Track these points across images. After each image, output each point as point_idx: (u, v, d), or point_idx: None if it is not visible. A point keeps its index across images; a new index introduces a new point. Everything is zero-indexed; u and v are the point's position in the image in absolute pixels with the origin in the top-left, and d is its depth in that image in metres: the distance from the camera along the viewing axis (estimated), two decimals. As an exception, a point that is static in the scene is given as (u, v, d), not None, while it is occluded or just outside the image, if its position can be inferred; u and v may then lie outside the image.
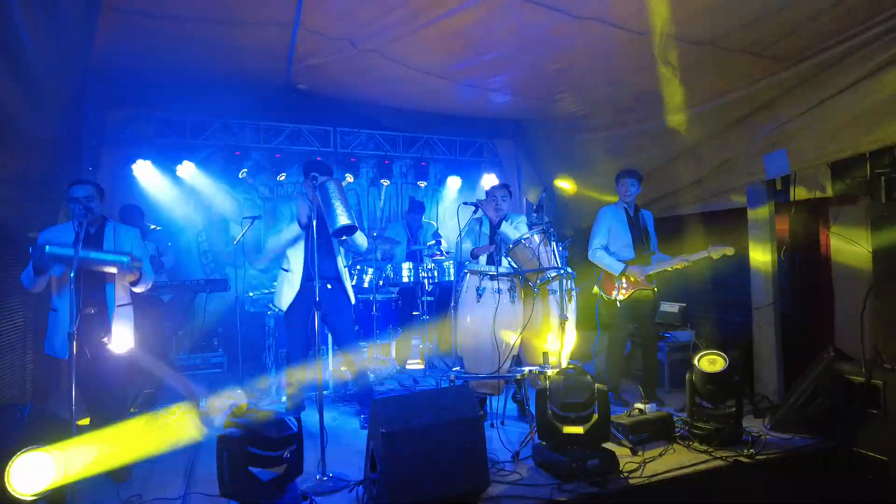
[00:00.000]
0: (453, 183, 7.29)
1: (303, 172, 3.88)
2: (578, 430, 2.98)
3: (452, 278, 5.38)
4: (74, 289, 2.66)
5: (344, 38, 4.78)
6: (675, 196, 5.51)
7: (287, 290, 3.82)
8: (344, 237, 3.59)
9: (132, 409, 4.23)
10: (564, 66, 4.75)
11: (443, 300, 6.04)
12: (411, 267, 5.39)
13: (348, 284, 4.00)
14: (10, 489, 2.30)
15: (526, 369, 3.50)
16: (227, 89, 6.25)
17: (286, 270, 3.85)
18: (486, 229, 4.12)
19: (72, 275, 2.66)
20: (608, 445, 3.18)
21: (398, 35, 4.54)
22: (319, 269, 3.60)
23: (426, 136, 7.05)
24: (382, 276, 5.39)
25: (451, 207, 7.46)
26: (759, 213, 4.69)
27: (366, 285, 5.33)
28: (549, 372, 3.21)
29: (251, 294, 5.39)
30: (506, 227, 3.93)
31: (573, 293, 3.49)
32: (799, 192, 4.52)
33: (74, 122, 5.37)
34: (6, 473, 2.31)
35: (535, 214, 3.63)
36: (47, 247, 2.80)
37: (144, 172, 5.81)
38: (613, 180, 4.73)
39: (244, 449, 2.49)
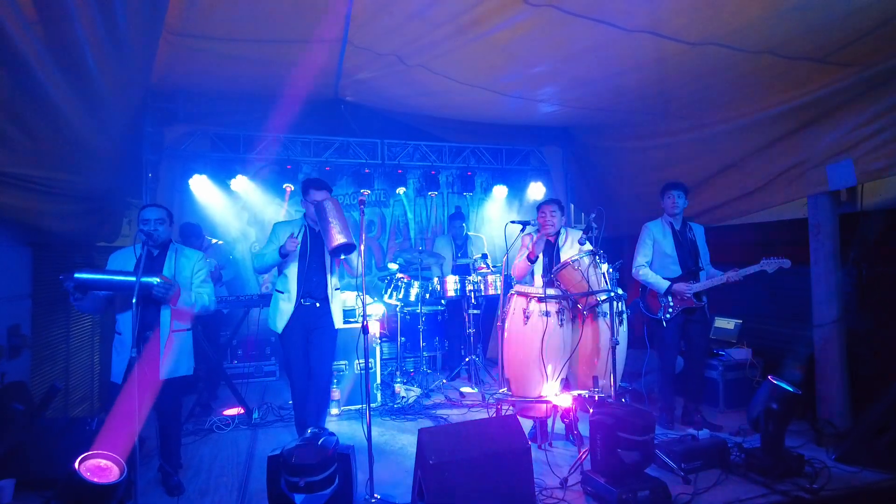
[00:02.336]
0: (499, 192, 7.23)
1: (301, 191, 3.84)
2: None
3: (499, 292, 5.34)
4: (134, 313, 2.77)
5: (392, 54, 4.83)
6: (727, 207, 5.31)
7: (282, 312, 3.73)
8: (343, 256, 3.54)
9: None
10: (613, 77, 4.66)
11: (489, 313, 6.03)
12: (458, 280, 5.39)
13: (335, 307, 3.83)
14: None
15: (574, 392, 3.44)
16: (277, 105, 6.42)
17: (280, 292, 3.79)
18: (539, 247, 4.02)
19: (133, 300, 2.78)
20: (658, 473, 3.09)
21: (445, 50, 4.55)
22: (310, 287, 3.67)
23: (472, 146, 7.03)
24: (429, 290, 5.41)
25: (497, 217, 7.42)
26: (822, 224, 4.45)
27: (412, 298, 5.37)
28: (600, 397, 3.14)
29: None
30: (564, 251, 3.87)
31: (624, 316, 3.41)
32: (866, 202, 4.28)
33: (135, 137, 5.64)
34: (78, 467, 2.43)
35: (584, 236, 3.57)
36: (76, 274, 2.87)
37: (201, 186, 6.02)
38: (657, 188, 4.59)
39: (283, 475, 2.54)
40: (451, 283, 5.36)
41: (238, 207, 6.62)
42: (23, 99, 3.19)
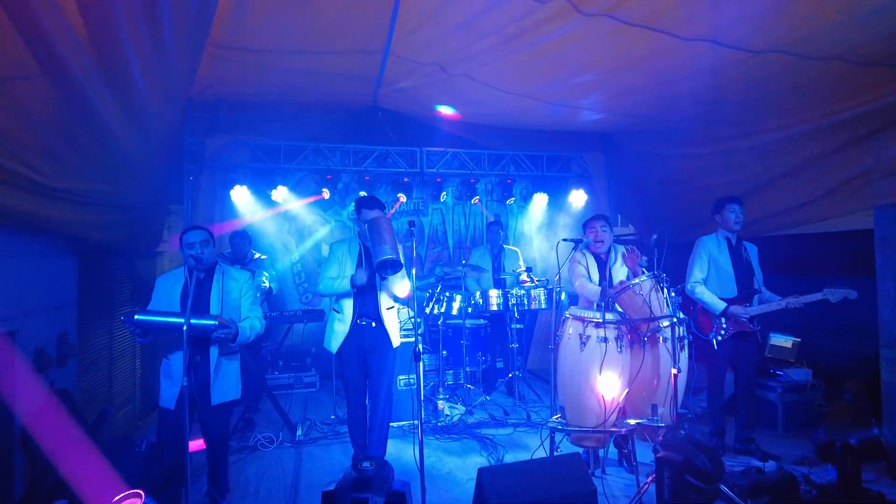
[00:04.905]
0: (540, 200, 7.06)
1: (354, 209, 3.83)
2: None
3: (543, 306, 5.21)
4: (185, 341, 2.73)
5: (434, 64, 4.75)
6: (780, 217, 5.09)
7: (337, 334, 3.71)
8: (386, 276, 3.49)
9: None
10: (665, 85, 4.48)
11: (530, 326, 5.90)
12: (500, 294, 5.26)
13: (390, 326, 3.78)
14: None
15: (633, 421, 3.29)
16: (317, 114, 6.39)
17: (337, 311, 3.77)
18: (592, 267, 3.88)
19: (185, 328, 2.73)
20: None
21: (489, 59, 4.46)
22: (364, 307, 3.66)
23: (511, 153, 6.87)
24: (471, 304, 5.30)
25: (537, 226, 7.27)
26: (891, 238, 4.20)
27: (454, 312, 5.26)
28: (663, 428, 2.98)
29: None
30: (616, 269, 3.73)
31: (686, 342, 3.25)
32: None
33: (176, 148, 5.68)
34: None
35: (644, 259, 3.41)
36: (136, 316, 2.84)
37: (242, 197, 6.02)
38: (710, 194, 4.38)
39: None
40: (494, 298, 5.23)
41: (279, 218, 6.62)
42: (72, 116, 3.22)
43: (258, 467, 4.00)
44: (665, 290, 3.21)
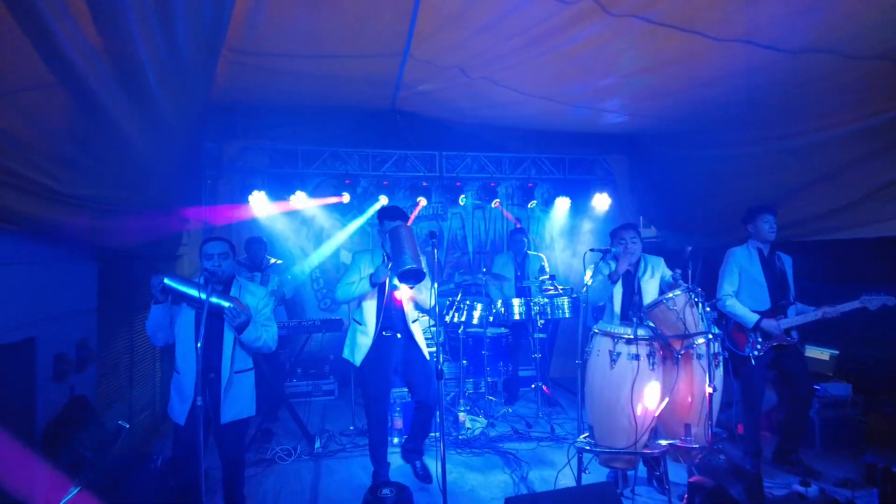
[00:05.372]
0: (562, 204, 6.88)
1: (377, 219, 3.82)
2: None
3: (567, 315, 5.05)
4: (198, 354, 2.65)
5: (455, 67, 4.65)
6: (817, 222, 4.89)
7: (360, 346, 3.64)
8: (411, 286, 3.42)
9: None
10: (695, 88, 4.33)
11: (554, 336, 5.75)
12: (522, 303, 5.11)
13: (419, 337, 3.75)
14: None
15: (664, 442, 3.13)
16: (335, 119, 6.32)
17: (359, 323, 3.69)
18: (622, 266, 3.67)
19: (199, 344, 2.65)
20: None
21: (512, 63, 4.36)
22: (389, 319, 3.61)
23: (533, 156, 6.72)
24: (492, 312, 5.17)
25: (559, 231, 7.10)
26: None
27: (475, 321, 5.13)
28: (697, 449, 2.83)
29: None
30: (645, 281, 3.57)
31: (720, 358, 3.08)
32: None
33: (194, 153, 5.64)
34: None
35: (678, 271, 3.25)
36: (165, 279, 2.83)
37: (260, 203, 5.96)
38: (741, 198, 4.20)
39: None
40: (517, 307, 5.09)
41: (297, 223, 6.57)
42: (89, 124, 3.18)
43: (275, 482, 3.92)
44: (700, 304, 3.05)
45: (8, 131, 2.77)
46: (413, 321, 3.70)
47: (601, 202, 6.73)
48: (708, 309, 3.09)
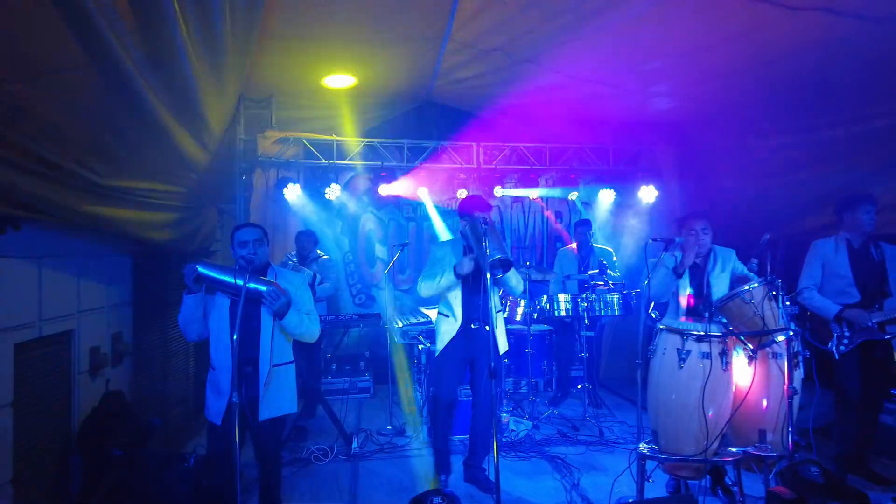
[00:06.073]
0: (605, 196, 6.54)
1: (458, 211, 3.72)
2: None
3: (617, 312, 4.77)
4: (233, 346, 2.50)
5: (498, 49, 4.47)
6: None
7: (443, 335, 3.63)
8: (499, 276, 3.41)
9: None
10: (759, 66, 4.00)
11: (601, 334, 5.46)
12: (569, 299, 4.83)
13: (500, 329, 3.69)
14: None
15: (735, 449, 2.84)
16: (370, 108, 6.18)
17: (445, 315, 3.63)
18: (688, 260, 3.37)
19: (234, 336, 2.49)
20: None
21: (558, 43, 4.15)
22: (474, 310, 3.53)
23: (575, 146, 6.41)
24: (537, 309, 4.91)
25: (602, 223, 6.78)
26: None
27: (518, 318, 4.89)
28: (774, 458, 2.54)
29: (399, 324, 5.12)
30: (715, 276, 3.29)
31: (800, 357, 2.78)
32: None
33: (229, 146, 5.55)
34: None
35: (754, 261, 2.96)
36: (199, 266, 2.71)
37: (294, 196, 5.84)
38: (801, 189, 3.83)
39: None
40: (563, 303, 4.82)
41: (332, 216, 6.43)
42: (124, 113, 3.09)
43: (311, 484, 3.74)
44: (779, 298, 2.75)
45: (44, 117, 2.68)
46: (497, 311, 3.60)
47: (647, 194, 6.38)
48: (787, 303, 2.79)
